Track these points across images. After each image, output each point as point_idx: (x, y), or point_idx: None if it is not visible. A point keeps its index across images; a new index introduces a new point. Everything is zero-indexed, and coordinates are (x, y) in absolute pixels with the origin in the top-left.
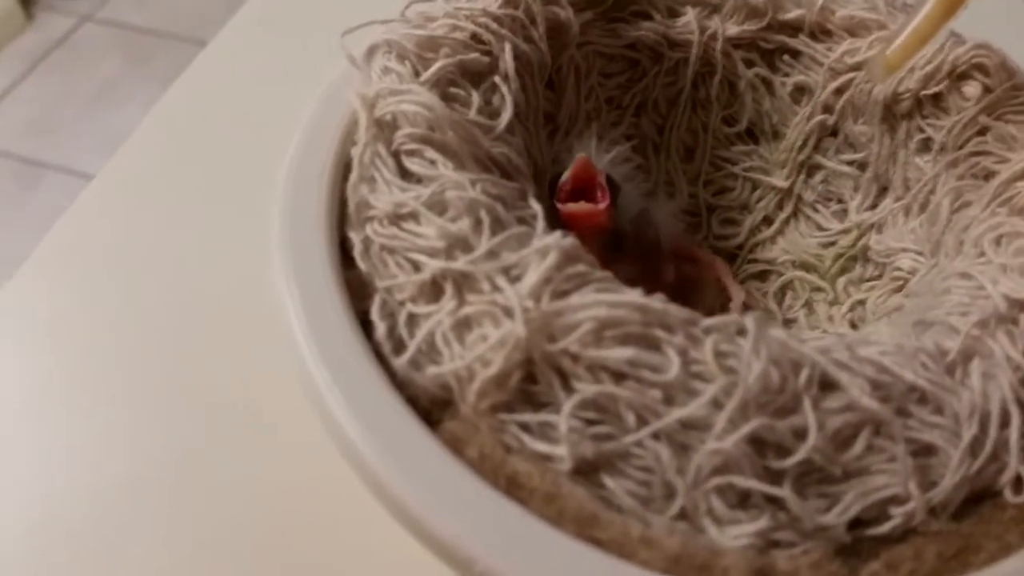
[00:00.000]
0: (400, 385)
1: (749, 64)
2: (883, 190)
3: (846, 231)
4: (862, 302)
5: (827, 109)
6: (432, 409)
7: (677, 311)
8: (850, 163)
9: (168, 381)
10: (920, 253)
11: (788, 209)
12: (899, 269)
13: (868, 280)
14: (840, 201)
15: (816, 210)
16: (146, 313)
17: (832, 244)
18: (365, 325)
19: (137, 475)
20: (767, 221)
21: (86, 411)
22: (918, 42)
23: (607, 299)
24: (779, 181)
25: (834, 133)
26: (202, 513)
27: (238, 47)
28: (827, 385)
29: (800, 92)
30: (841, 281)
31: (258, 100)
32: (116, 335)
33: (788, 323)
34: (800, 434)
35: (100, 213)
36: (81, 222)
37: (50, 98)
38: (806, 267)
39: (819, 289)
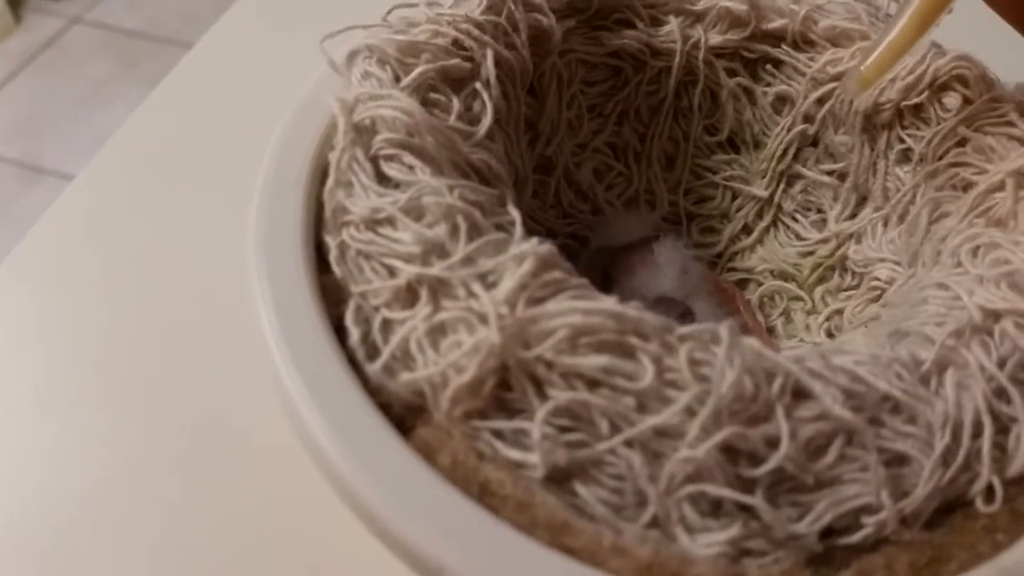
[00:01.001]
0: (373, 391)
1: (731, 74)
2: (862, 200)
3: (825, 241)
4: (839, 311)
5: (808, 119)
6: (405, 416)
7: (652, 319)
8: (830, 173)
9: (147, 385)
10: (898, 263)
11: (767, 218)
12: (877, 279)
13: (846, 290)
14: (819, 211)
15: (795, 220)
16: (126, 316)
17: (811, 253)
18: (340, 331)
19: (117, 480)
20: (746, 230)
21: (65, 415)
22: (892, 57)
23: (582, 306)
24: (759, 190)
25: (814, 143)
26: (178, 519)
27: (224, 50)
28: (800, 394)
29: (781, 102)
30: (819, 290)
31: (243, 103)
32: (95, 338)
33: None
34: (772, 443)
35: (81, 215)
36: (60, 224)
37: (38, 100)
38: (784, 276)
39: (797, 298)
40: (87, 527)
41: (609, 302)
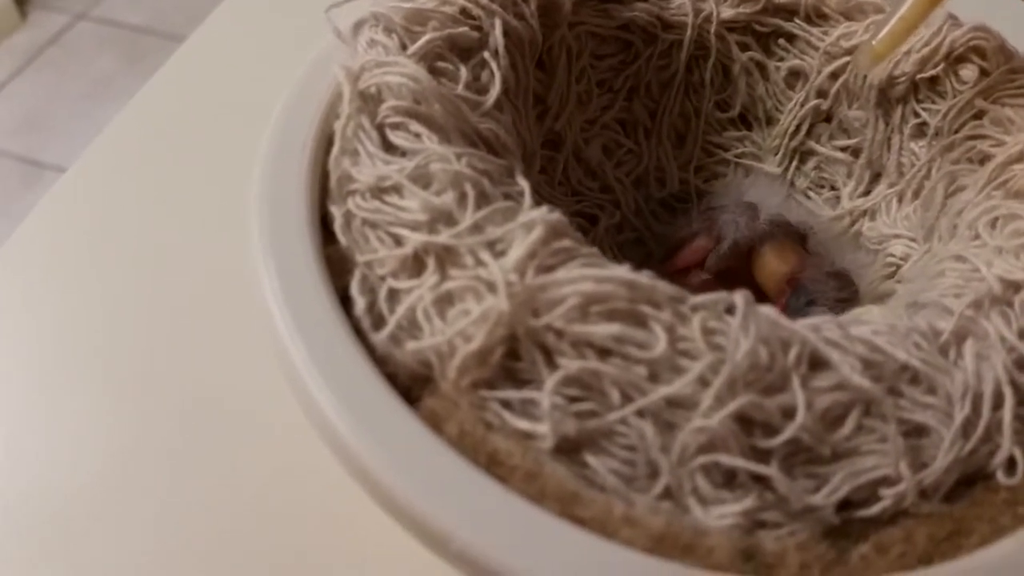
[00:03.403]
0: (379, 361)
1: (744, 48)
2: (876, 176)
3: (839, 218)
4: None
5: (821, 94)
6: (412, 386)
7: (665, 287)
8: (843, 149)
9: (149, 360)
10: (913, 239)
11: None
12: (891, 255)
13: (860, 267)
14: (833, 188)
15: (808, 197)
16: (123, 305)
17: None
18: (345, 301)
19: (115, 471)
20: None
21: (66, 400)
22: (905, 31)
23: (593, 274)
24: (771, 167)
25: (828, 118)
26: (184, 496)
27: (219, 40)
28: (817, 363)
29: (794, 77)
30: None
31: (238, 93)
32: (92, 328)
33: None
34: (788, 413)
35: (74, 206)
36: (56, 213)
37: (43, 96)
38: None
39: None
40: (88, 514)
41: (621, 270)
